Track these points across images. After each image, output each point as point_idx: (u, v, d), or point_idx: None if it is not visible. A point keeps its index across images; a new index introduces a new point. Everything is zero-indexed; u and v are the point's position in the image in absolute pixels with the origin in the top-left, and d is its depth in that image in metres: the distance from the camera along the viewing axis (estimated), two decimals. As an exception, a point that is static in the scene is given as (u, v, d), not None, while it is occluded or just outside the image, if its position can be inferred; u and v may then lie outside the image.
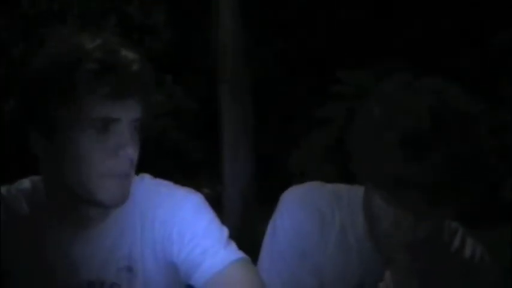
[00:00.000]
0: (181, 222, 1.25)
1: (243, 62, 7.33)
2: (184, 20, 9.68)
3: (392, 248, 1.22)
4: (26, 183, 1.29)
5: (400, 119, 1.12)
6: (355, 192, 1.33)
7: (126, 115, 1.18)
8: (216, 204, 7.14)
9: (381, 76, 1.27)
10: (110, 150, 1.18)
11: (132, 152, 1.19)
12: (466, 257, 1.32)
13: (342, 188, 1.35)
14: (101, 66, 1.15)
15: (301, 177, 8.71)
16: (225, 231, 1.27)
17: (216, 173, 7.71)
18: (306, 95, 9.88)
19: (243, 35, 7.34)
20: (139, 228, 1.25)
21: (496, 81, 8.41)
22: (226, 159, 7.26)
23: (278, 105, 10.24)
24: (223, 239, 1.25)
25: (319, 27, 9.91)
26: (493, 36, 8.65)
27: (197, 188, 1.34)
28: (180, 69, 9.51)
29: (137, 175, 1.27)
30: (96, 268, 1.24)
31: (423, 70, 1.24)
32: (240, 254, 1.26)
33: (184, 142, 9.88)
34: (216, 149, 7.45)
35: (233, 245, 1.26)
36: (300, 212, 1.31)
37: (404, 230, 1.19)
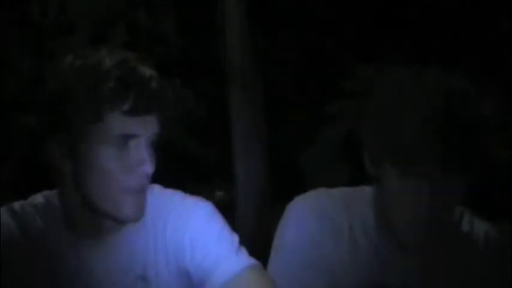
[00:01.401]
0: (193, 230, 1.27)
1: (252, 64, 7.33)
2: (193, 26, 9.69)
3: (408, 232, 1.23)
4: (39, 198, 1.31)
5: (412, 94, 1.21)
6: (360, 193, 1.34)
7: (145, 131, 1.21)
8: (230, 206, 7.16)
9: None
10: (129, 165, 1.21)
11: (149, 168, 1.22)
12: (476, 236, 1.33)
13: (347, 190, 1.37)
14: (121, 84, 1.18)
15: (313, 176, 8.69)
16: (236, 238, 1.29)
17: (229, 177, 7.71)
18: (317, 92, 9.87)
19: (251, 37, 7.34)
20: (152, 237, 1.28)
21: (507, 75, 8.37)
22: (238, 162, 7.26)
23: (289, 104, 10.23)
24: (234, 246, 1.28)
25: (328, 24, 9.90)
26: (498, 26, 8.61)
27: (211, 192, 1.36)
28: (190, 75, 9.53)
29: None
30: (113, 279, 1.26)
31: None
32: (252, 260, 1.28)
33: (196, 146, 9.89)
34: (229, 152, 7.45)
35: (244, 251, 1.28)
36: (308, 221, 1.33)
37: (421, 209, 1.20)
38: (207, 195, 1.35)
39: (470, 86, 1.24)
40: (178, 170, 8.42)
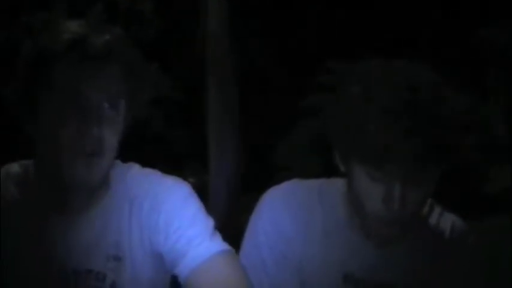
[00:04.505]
0: (169, 211, 1.25)
1: (230, 52, 7.30)
2: (172, 9, 9.62)
3: (380, 227, 1.24)
4: (15, 167, 1.29)
5: (379, 92, 1.20)
6: (334, 185, 1.34)
7: (96, 91, 1.18)
8: (202, 194, 7.15)
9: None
10: (77, 127, 1.18)
11: (96, 131, 1.17)
12: (443, 227, 1.34)
13: (321, 182, 1.37)
14: (75, 36, 1.16)
15: (286, 169, 8.71)
16: (211, 222, 1.28)
17: (202, 163, 7.69)
18: (294, 85, 9.87)
19: (230, 26, 7.31)
20: (127, 216, 1.26)
21: (482, 78, 8.46)
22: (212, 150, 7.25)
23: (265, 96, 10.23)
24: (208, 230, 1.26)
25: (308, 18, 9.90)
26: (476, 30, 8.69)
27: (183, 177, 1.35)
28: (167, 59, 9.46)
29: (126, 163, 1.27)
30: (82, 257, 1.24)
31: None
32: (225, 246, 1.27)
33: (170, 132, 9.84)
34: (203, 139, 7.43)
35: (218, 237, 1.27)
36: (282, 213, 1.32)
37: (394, 206, 1.20)
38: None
39: (439, 80, 1.25)
40: (151, 155, 8.37)
